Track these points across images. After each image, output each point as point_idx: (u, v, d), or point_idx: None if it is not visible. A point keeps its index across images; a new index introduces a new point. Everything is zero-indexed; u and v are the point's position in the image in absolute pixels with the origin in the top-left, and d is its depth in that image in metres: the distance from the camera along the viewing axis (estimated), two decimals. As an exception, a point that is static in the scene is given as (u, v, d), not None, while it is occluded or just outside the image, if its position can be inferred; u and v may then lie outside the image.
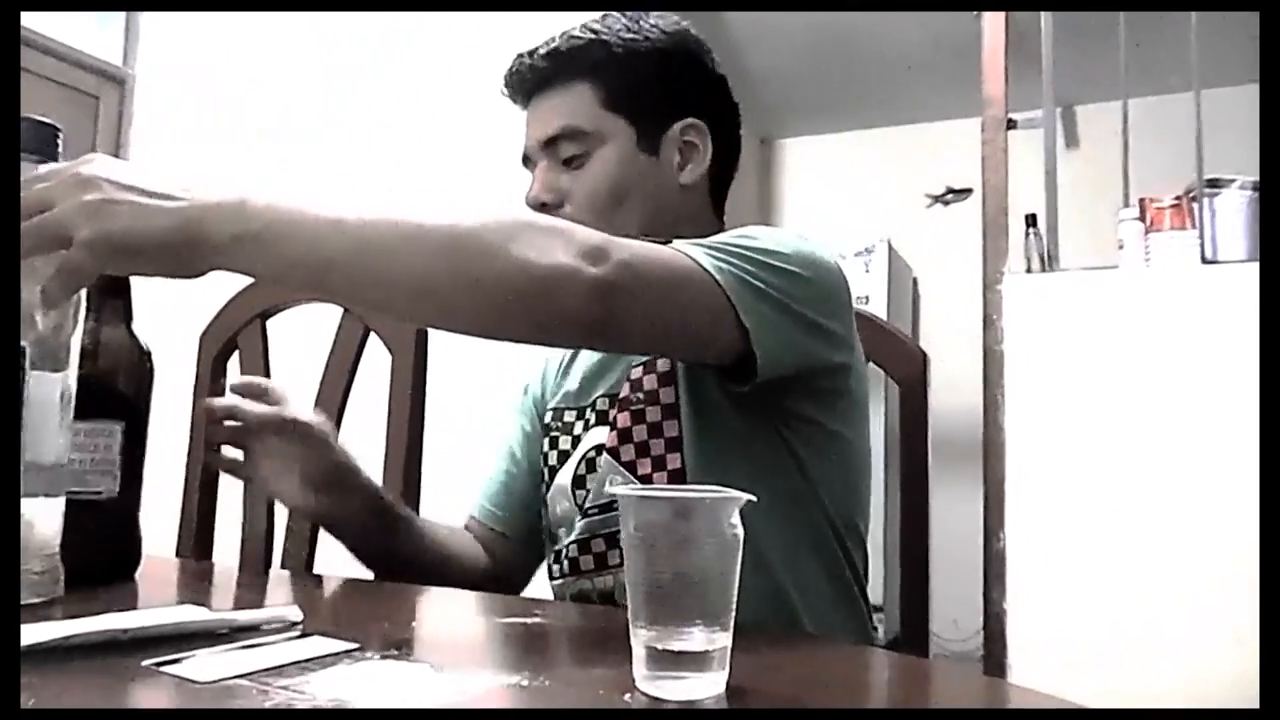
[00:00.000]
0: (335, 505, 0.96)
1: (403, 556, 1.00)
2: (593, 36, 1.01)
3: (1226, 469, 1.94)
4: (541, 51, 1.01)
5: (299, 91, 3.09)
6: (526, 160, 1.05)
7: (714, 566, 0.49)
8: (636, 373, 0.97)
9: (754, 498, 0.50)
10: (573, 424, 1.04)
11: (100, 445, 0.80)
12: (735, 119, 1.07)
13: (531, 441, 1.13)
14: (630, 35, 1.01)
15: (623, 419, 0.96)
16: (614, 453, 0.96)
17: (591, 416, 1.02)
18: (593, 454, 1.00)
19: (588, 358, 1.08)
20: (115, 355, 0.83)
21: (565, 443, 1.04)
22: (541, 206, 0.99)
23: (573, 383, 1.08)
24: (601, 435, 0.99)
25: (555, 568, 1.02)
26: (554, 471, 1.04)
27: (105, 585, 0.76)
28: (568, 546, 0.99)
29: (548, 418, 1.08)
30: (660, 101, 1.01)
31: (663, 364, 0.95)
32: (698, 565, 0.48)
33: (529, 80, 1.03)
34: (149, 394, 0.87)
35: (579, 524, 0.98)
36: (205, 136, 3.17)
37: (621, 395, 0.97)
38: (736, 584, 0.50)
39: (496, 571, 1.10)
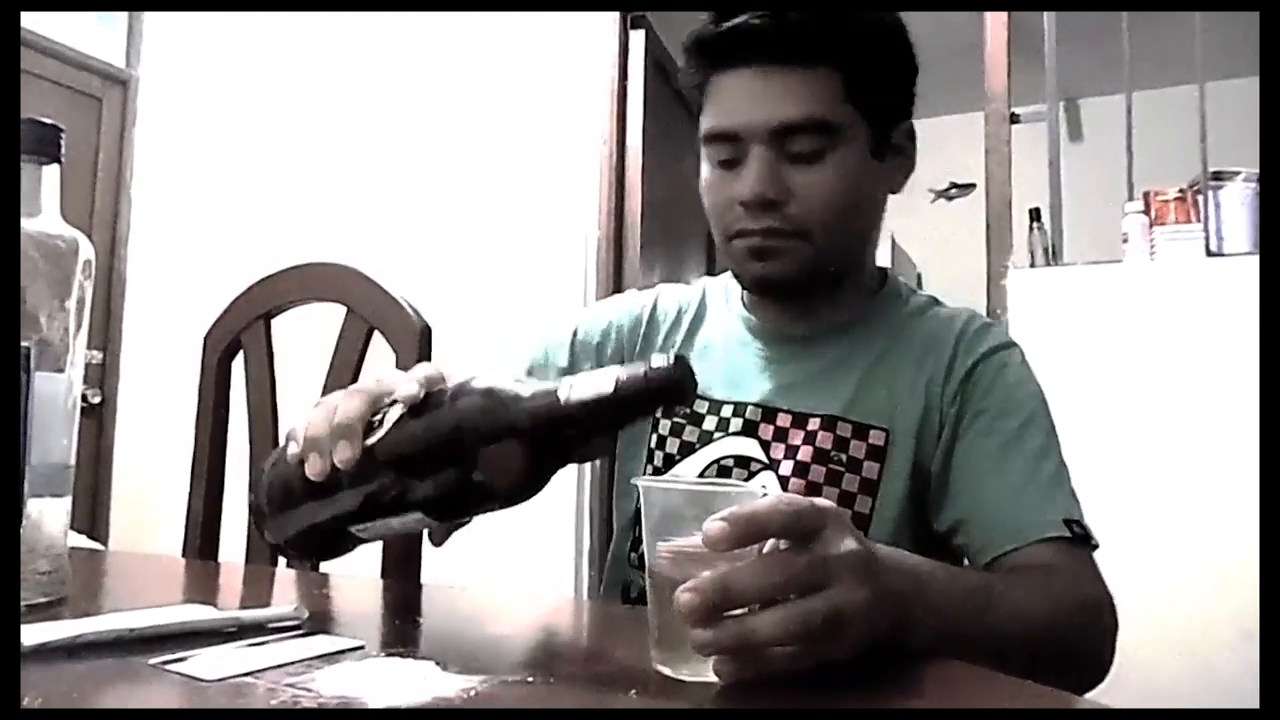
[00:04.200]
0: None
1: None
2: (837, 15, 0.87)
3: (1232, 462, 1.94)
4: (789, 19, 0.85)
5: (301, 93, 3.09)
6: (724, 139, 0.89)
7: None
8: (844, 430, 0.91)
9: (768, 491, 0.52)
10: (703, 417, 0.97)
11: None
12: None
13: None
14: (873, 18, 0.89)
15: (817, 472, 0.90)
16: None
17: (735, 421, 0.95)
18: (730, 462, 0.94)
19: (727, 346, 1.01)
20: None
21: (691, 435, 0.96)
22: (764, 204, 0.87)
23: (712, 370, 0.99)
24: (745, 446, 0.94)
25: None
26: (671, 460, 0.97)
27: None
28: None
29: None
30: (894, 99, 0.92)
31: (876, 437, 0.90)
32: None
33: (762, 47, 0.86)
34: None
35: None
36: (208, 137, 3.18)
37: (820, 446, 0.90)
38: None
39: None
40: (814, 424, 0.92)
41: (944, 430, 0.90)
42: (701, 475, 0.94)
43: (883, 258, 4.10)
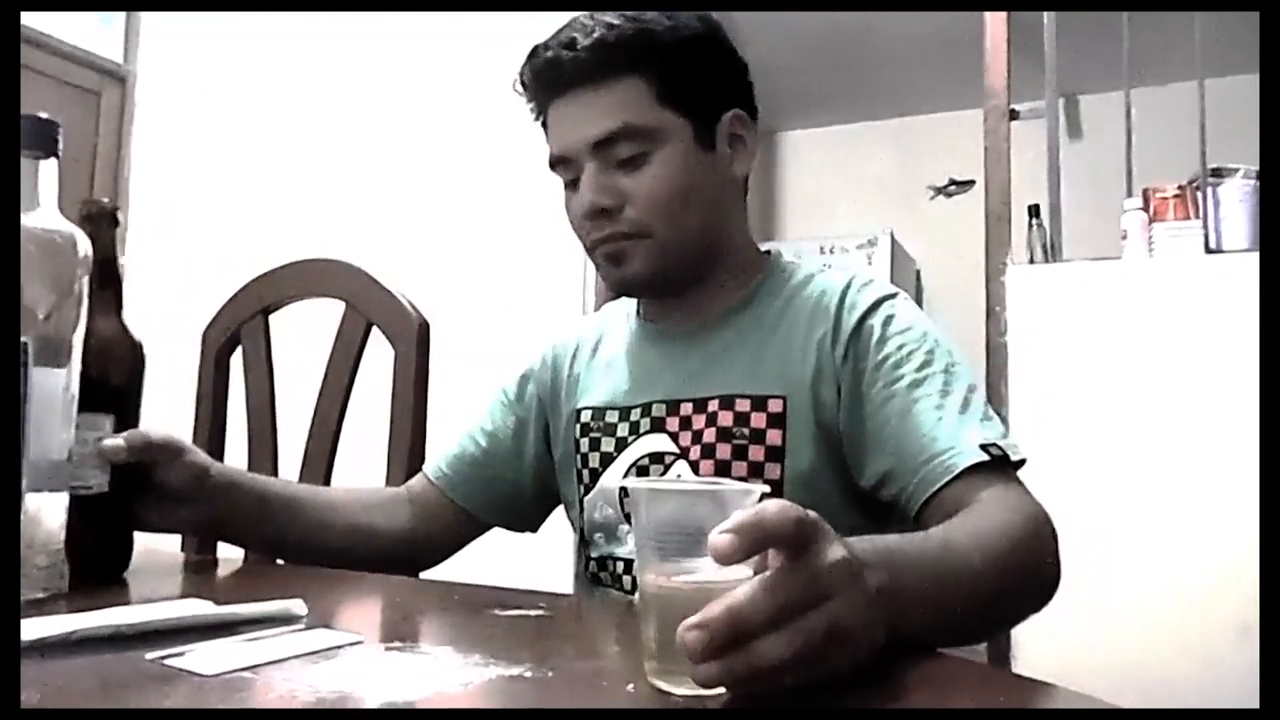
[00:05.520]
0: (205, 511, 0.91)
1: (298, 540, 0.98)
2: (639, 26, 0.93)
3: (1230, 459, 1.94)
4: (585, 42, 0.92)
5: (299, 89, 3.08)
6: (561, 162, 0.97)
7: None
8: (743, 405, 0.94)
9: (767, 488, 0.51)
10: (615, 425, 1.01)
11: (90, 439, 0.78)
12: (756, 106, 1.03)
13: (521, 434, 1.11)
14: (672, 25, 0.94)
15: (723, 450, 0.93)
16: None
17: (644, 421, 0.99)
18: (646, 461, 0.98)
19: (628, 354, 1.06)
20: (105, 346, 0.81)
21: (608, 445, 1.01)
22: (600, 212, 0.94)
23: (616, 381, 1.05)
24: (657, 442, 0.98)
25: (602, 575, 1.01)
26: (595, 474, 1.02)
27: (93, 581, 0.74)
28: (615, 561, 0.99)
29: (585, 416, 1.04)
30: (711, 93, 0.97)
31: (774, 405, 0.93)
32: (710, 560, 0.47)
33: (569, 74, 0.94)
34: (140, 386, 0.86)
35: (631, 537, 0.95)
36: (206, 134, 3.17)
37: (722, 425, 0.94)
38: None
39: (418, 535, 1.07)
40: (714, 405, 0.95)
41: (841, 388, 0.92)
42: (623, 479, 0.98)
43: (882, 255, 4.10)
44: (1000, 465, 0.83)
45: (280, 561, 1.03)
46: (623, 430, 1.01)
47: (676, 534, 0.50)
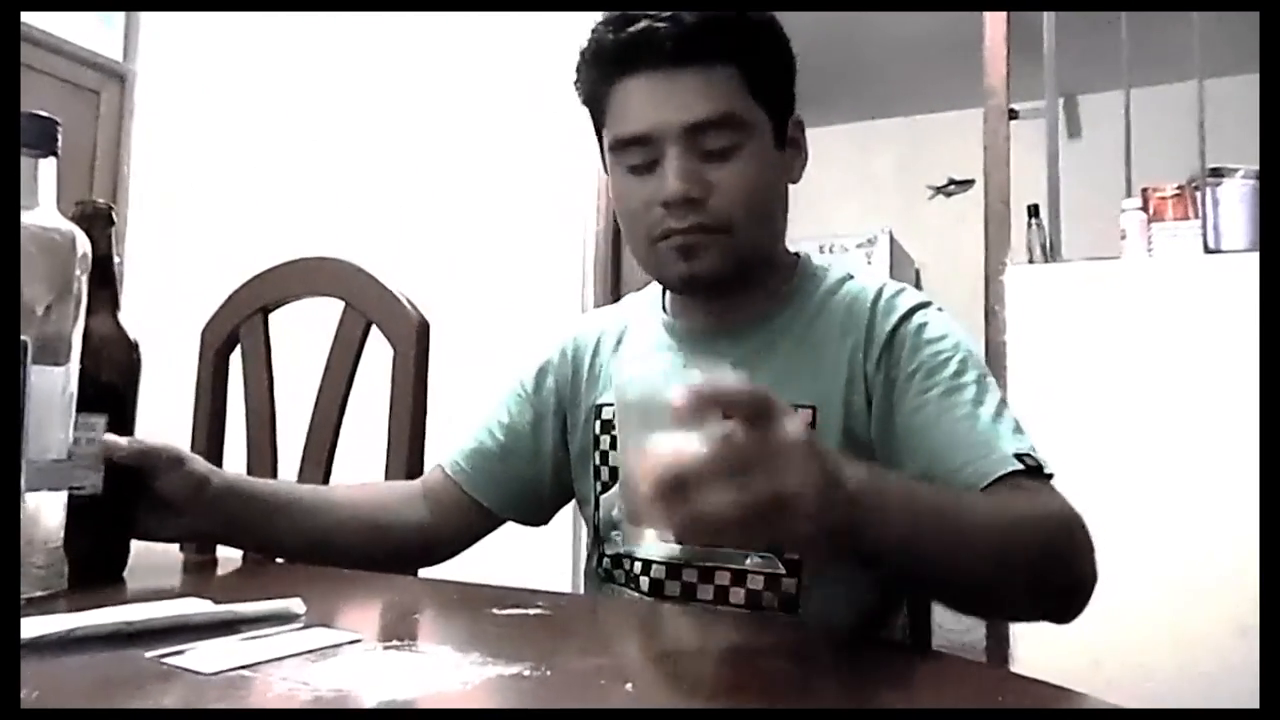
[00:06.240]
0: (205, 521, 0.90)
1: (312, 542, 0.97)
2: (736, 16, 0.90)
3: (1229, 459, 1.94)
4: (690, 20, 0.88)
5: (299, 89, 3.08)
6: (638, 142, 0.91)
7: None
8: None
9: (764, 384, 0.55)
10: None
11: (83, 439, 0.76)
12: None
13: (539, 428, 1.09)
14: (758, 20, 0.92)
15: None
16: None
17: None
18: None
19: (655, 352, 1.04)
20: (100, 346, 0.79)
21: None
22: (685, 201, 0.89)
23: None
24: None
25: (616, 572, 1.00)
26: (615, 472, 0.99)
27: (89, 585, 0.73)
28: (633, 560, 0.97)
29: (607, 413, 1.02)
30: (786, 93, 0.96)
31: (804, 415, 0.91)
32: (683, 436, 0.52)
33: (667, 49, 0.88)
34: (135, 387, 0.85)
35: (661, 545, 0.92)
36: (206, 133, 3.17)
37: None
38: None
39: (434, 531, 1.06)
40: None
41: (873, 397, 0.92)
42: None
43: (881, 254, 4.10)
44: (1032, 476, 0.82)
45: (280, 560, 1.03)
46: None
47: (650, 411, 0.54)
